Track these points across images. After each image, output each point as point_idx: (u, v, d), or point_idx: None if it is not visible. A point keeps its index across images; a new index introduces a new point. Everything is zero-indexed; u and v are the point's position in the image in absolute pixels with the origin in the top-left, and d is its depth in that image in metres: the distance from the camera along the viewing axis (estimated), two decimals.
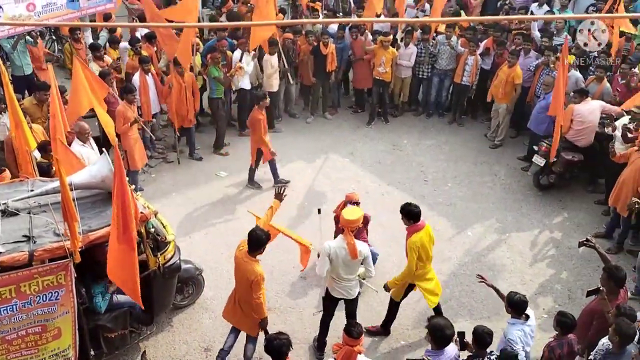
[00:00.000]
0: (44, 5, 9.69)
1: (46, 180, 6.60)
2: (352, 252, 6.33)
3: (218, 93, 10.94)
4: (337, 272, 6.49)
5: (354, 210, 6.67)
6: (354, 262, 6.42)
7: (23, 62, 10.66)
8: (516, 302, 5.84)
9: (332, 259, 6.40)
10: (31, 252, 5.45)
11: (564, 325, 5.73)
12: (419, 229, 6.75)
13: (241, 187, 10.33)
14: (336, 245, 6.40)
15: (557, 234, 9.32)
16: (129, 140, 9.40)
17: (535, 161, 9.95)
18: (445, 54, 12.01)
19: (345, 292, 6.64)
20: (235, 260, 6.32)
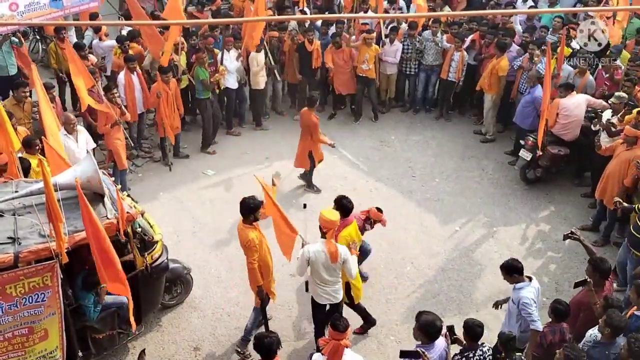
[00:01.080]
0: (26, 5, 9.62)
1: (30, 181, 6.54)
2: (332, 255, 6.23)
3: (205, 94, 10.85)
4: (319, 276, 6.39)
5: (332, 211, 6.54)
6: (334, 265, 6.30)
7: (8, 63, 10.54)
8: (512, 266, 6.05)
9: (311, 263, 6.31)
10: (16, 254, 5.42)
11: (557, 313, 5.82)
12: (348, 224, 6.82)
13: (228, 186, 10.30)
14: (315, 249, 6.29)
15: (544, 228, 9.38)
16: (113, 140, 9.33)
17: (522, 155, 10.00)
18: (431, 49, 12.03)
19: (330, 296, 6.52)
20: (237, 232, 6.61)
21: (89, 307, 6.27)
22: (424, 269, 8.51)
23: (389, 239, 9.02)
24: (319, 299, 6.59)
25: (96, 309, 6.33)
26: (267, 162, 10.98)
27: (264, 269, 6.75)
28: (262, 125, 12.20)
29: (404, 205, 9.88)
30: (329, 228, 6.30)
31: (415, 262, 8.63)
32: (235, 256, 8.57)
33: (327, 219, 6.28)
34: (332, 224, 6.30)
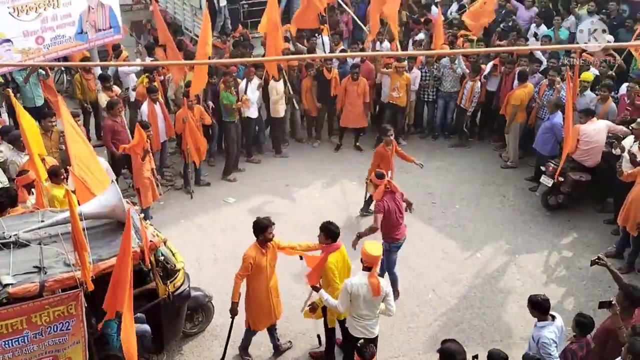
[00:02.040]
0: (52, 38, 9.88)
1: (56, 211, 6.66)
2: (375, 289, 6.10)
3: (230, 117, 10.99)
4: (358, 310, 6.25)
5: (375, 245, 6.34)
6: (376, 299, 6.19)
7: (35, 94, 10.85)
8: (539, 303, 5.95)
9: (353, 297, 6.16)
10: (42, 283, 5.48)
11: (582, 326, 5.82)
12: (335, 249, 6.69)
13: (249, 213, 10.34)
14: (358, 283, 6.13)
15: (567, 255, 9.27)
16: (143, 179, 9.45)
17: (543, 182, 9.95)
18: (449, 76, 12.10)
19: (367, 330, 6.36)
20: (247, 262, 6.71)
21: (112, 336, 6.32)
22: (446, 296, 8.44)
23: (410, 265, 8.99)
24: (354, 332, 6.42)
25: (119, 337, 6.35)
26: (286, 189, 11.04)
27: (263, 291, 6.83)
28: (281, 153, 12.30)
29: (424, 231, 9.85)
30: (371, 263, 6.18)
31: (437, 289, 8.56)
32: None
33: (369, 254, 6.15)
34: (374, 259, 6.18)
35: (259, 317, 7.05)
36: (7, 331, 5.34)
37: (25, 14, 9.33)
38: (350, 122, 12.25)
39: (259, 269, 6.68)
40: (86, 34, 10.38)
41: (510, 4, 14.70)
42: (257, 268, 6.66)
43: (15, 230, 6.00)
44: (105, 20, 10.62)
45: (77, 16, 10.13)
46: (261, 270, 6.71)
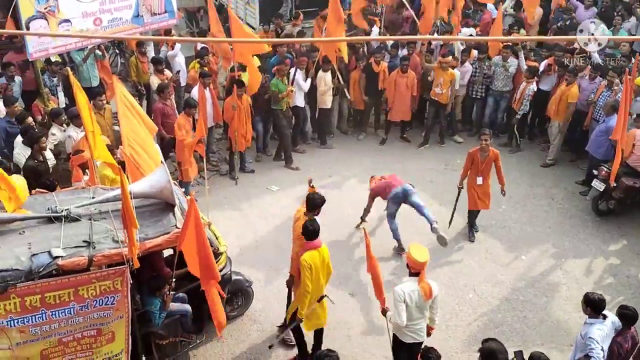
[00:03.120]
0: (110, 20, 10.04)
1: (107, 189, 6.81)
2: (427, 293, 6.06)
3: (279, 105, 11.04)
4: (410, 316, 6.16)
5: (422, 250, 6.21)
6: (426, 303, 6.15)
7: (91, 75, 11.12)
8: (594, 301, 5.95)
9: (406, 304, 6.07)
10: (90, 257, 5.60)
11: (627, 317, 5.88)
12: (312, 248, 6.51)
13: (291, 202, 10.38)
14: (409, 290, 6.07)
15: (615, 262, 9.01)
16: (184, 153, 9.60)
17: (595, 186, 9.67)
18: (500, 75, 11.86)
19: (416, 334, 6.30)
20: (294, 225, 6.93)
21: (154, 313, 6.44)
22: (487, 297, 8.31)
23: (452, 263, 8.89)
24: (404, 338, 6.33)
25: (161, 315, 6.49)
26: (330, 180, 11.03)
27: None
28: (327, 144, 12.29)
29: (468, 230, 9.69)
30: (418, 269, 6.11)
31: (478, 289, 8.44)
32: None
33: (415, 260, 6.06)
34: (420, 265, 6.07)
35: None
36: (54, 302, 5.49)
37: None
38: (398, 115, 12.15)
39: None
40: (142, 17, 10.53)
41: (570, 2, 14.31)
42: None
43: (67, 205, 6.16)
44: (160, 5, 10.75)
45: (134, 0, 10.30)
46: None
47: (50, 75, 10.23)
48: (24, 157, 8.19)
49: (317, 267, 6.52)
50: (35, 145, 8.16)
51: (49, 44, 9.33)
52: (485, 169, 9.02)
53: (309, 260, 6.44)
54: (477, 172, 9.02)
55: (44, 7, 9.03)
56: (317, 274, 6.54)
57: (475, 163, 9.00)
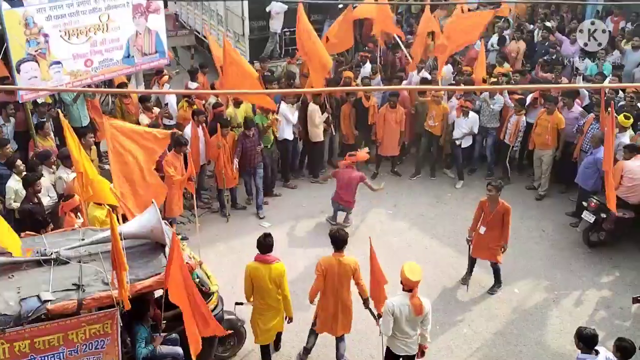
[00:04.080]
0: (100, 61, 10.17)
1: (97, 230, 6.78)
2: (417, 309, 6.27)
3: (265, 141, 11.04)
4: (400, 329, 6.43)
5: (415, 269, 6.37)
6: (417, 318, 6.36)
7: (81, 115, 11.16)
8: (586, 337, 5.89)
9: (395, 317, 6.33)
10: (80, 301, 5.56)
11: (624, 350, 5.80)
12: (259, 260, 6.93)
13: (283, 238, 10.37)
14: (400, 303, 6.31)
15: (607, 294, 9.00)
16: (172, 190, 9.59)
17: (585, 217, 9.72)
18: (485, 111, 11.87)
19: (408, 347, 6.57)
20: (329, 270, 6.89)
21: (138, 341, 6.30)
22: (482, 331, 8.26)
23: (446, 298, 8.85)
24: (396, 350, 6.65)
25: (144, 347, 6.33)
26: (322, 215, 11.03)
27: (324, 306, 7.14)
28: (318, 178, 12.32)
29: (461, 264, 9.65)
30: (411, 287, 6.29)
31: (473, 324, 8.39)
32: None
33: (408, 278, 6.24)
34: (413, 284, 6.25)
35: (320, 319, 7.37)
36: (43, 347, 5.43)
37: (76, 37, 9.65)
38: (387, 150, 12.22)
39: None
40: (133, 57, 10.66)
41: (554, 36, 14.59)
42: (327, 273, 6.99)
43: (57, 247, 6.13)
44: (151, 45, 10.91)
45: (125, 41, 10.43)
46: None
47: (39, 116, 10.24)
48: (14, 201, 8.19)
49: (258, 279, 6.88)
50: (30, 189, 8.15)
51: (39, 85, 9.40)
52: (492, 221, 8.59)
53: (249, 268, 6.99)
54: (483, 222, 8.68)
55: (34, 49, 9.14)
56: (258, 286, 6.91)
57: (485, 213, 8.69)
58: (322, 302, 7.26)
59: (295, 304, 7.47)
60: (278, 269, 6.89)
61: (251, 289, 7.00)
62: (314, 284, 7.17)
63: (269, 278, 6.84)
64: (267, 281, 6.84)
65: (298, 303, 8.70)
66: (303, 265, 9.64)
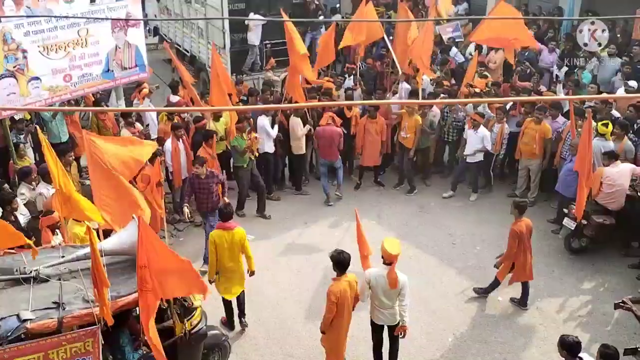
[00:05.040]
0: (80, 76, 10.12)
1: (77, 247, 6.71)
2: (392, 282, 6.76)
3: (242, 161, 10.93)
4: (378, 300, 6.97)
5: (394, 243, 6.92)
6: (392, 291, 6.84)
7: (60, 131, 11.04)
8: (570, 344, 5.94)
9: (372, 287, 6.89)
10: (60, 319, 5.49)
11: (608, 357, 5.80)
12: (221, 227, 7.82)
13: (267, 251, 10.33)
14: (376, 274, 6.86)
15: (590, 299, 9.08)
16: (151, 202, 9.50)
17: (566, 224, 9.80)
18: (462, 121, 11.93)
19: (387, 318, 7.11)
20: (342, 295, 6.83)
21: (124, 346, 6.23)
22: (467, 340, 8.28)
23: (430, 308, 8.86)
24: (376, 320, 7.19)
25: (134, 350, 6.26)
26: (306, 227, 11.02)
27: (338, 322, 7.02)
28: (301, 190, 12.31)
29: (444, 273, 9.72)
30: (390, 260, 6.77)
31: (458, 333, 8.41)
32: (273, 324, 8.54)
33: (388, 252, 6.74)
34: (391, 257, 6.75)
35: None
36: None
37: (55, 53, 9.59)
38: (369, 160, 12.23)
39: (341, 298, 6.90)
40: (112, 72, 10.61)
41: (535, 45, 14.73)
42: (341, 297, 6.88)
43: (36, 265, 6.05)
44: (131, 59, 10.87)
45: (104, 55, 10.39)
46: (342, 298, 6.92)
47: (17, 132, 10.13)
48: None
49: (221, 245, 7.72)
50: (7, 207, 8.04)
51: (17, 101, 9.32)
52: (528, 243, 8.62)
53: (213, 236, 7.77)
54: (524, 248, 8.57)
55: (13, 65, 9.07)
56: (222, 250, 7.72)
57: (523, 239, 8.48)
58: (335, 326, 7.08)
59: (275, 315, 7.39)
60: (239, 233, 7.84)
61: (215, 259, 7.77)
62: (328, 313, 6.92)
63: (232, 242, 7.74)
64: (229, 245, 7.74)
65: (280, 314, 8.71)
66: (287, 276, 9.62)
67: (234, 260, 7.87)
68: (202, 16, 15.39)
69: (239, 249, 7.85)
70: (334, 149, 11.43)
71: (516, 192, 11.85)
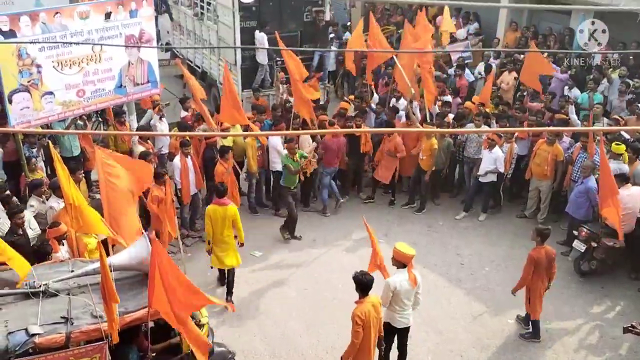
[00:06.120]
0: (93, 91, 10.20)
1: (86, 261, 6.74)
2: (414, 281, 7.12)
3: (289, 182, 10.93)
4: (400, 303, 7.19)
5: (405, 245, 7.29)
6: (413, 290, 7.19)
7: (72, 145, 11.11)
8: None
9: (396, 293, 7.10)
10: (68, 334, 5.51)
11: None
12: (216, 203, 8.87)
13: (275, 267, 10.32)
14: (400, 280, 7.10)
15: (600, 323, 8.99)
16: (159, 220, 9.56)
17: (576, 246, 9.75)
18: (472, 142, 11.83)
19: (406, 319, 7.35)
20: (368, 317, 6.68)
21: None
22: None
23: (438, 328, 8.80)
24: (397, 324, 7.37)
25: None
26: (313, 244, 11.01)
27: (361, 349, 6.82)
28: (310, 207, 12.31)
29: (452, 293, 9.66)
30: (406, 261, 7.12)
31: (465, 355, 8.34)
32: (280, 341, 8.50)
33: (402, 252, 7.12)
34: (407, 258, 7.11)
35: None
36: None
37: (69, 68, 9.69)
38: (380, 175, 12.22)
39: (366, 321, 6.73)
40: (125, 87, 10.71)
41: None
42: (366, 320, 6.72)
43: (46, 279, 6.08)
44: (143, 75, 10.97)
45: (117, 71, 10.48)
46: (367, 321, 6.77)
47: (29, 146, 10.21)
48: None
49: (216, 218, 8.80)
50: (13, 220, 8.09)
51: (30, 115, 9.41)
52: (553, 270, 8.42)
53: (209, 210, 8.89)
54: (545, 275, 8.35)
55: (27, 80, 9.16)
56: (215, 223, 8.83)
57: (540, 264, 8.24)
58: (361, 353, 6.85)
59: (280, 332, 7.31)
60: (231, 209, 8.94)
61: (211, 227, 8.87)
62: (355, 338, 6.64)
63: (225, 216, 8.85)
64: (223, 219, 8.85)
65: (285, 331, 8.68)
66: (294, 293, 9.60)
67: (226, 233, 8.93)
68: (215, 33, 15.52)
69: (231, 223, 8.92)
70: (340, 157, 11.78)
71: (526, 213, 11.81)
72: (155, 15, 11.86)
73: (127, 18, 10.36)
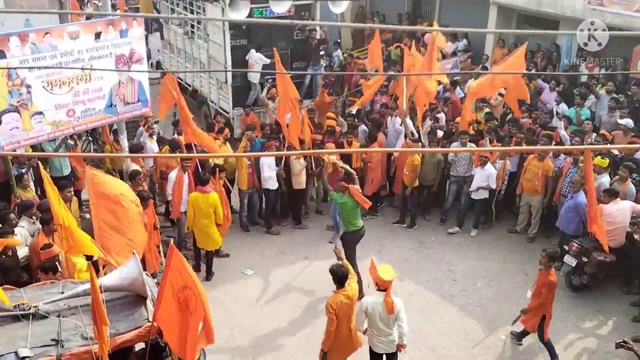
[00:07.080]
0: (83, 111, 10.17)
1: (77, 282, 6.68)
2: (389, 307, 6.89)
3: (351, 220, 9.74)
4: (376, 327, 7.08)
5: (388, 269, 7.13)
6: (389, 317, 6.96)
7: (62, 164, 11.08)
8: None
9: (369, 314, 7.00)
10: (58, 357, 5.46)
11: None
12: (199, 191, 9.84)
13: (267, 286, 10.28)
14: (373, 301, 7.00)
15: (592, 338, 9.01)
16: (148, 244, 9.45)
17: (567, 261, 9.78)
18: (462, 160, 11.83)
19: (386, 346, 7.18)
20: (341, 309, 6.98)
21: None
22: None
23: (431, 345, 8.78)
24: (376, 348, 7.26)
25: None
26: (306, 262, 10.97)
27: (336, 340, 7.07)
28: (301, 224, 12.30)
29: (445, 310, 9.65)
30: (384, 286, 6.99)
31: None
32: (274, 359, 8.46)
33: (382, 278, 6.96)
34: (387, 283, 6.96)
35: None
36: None
37: (59, 88, 9.66)
38: (369, 188, 12.11)
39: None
40: (115, 107, 10.69)
41: (537, 82, 14.88)
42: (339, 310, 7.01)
43: (36, 301, 6.02)
44: (134, 94, 10.95)
45: (107, 90, 10.46)
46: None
47: (18, 166, 10.16)
48: None
49: (198, 205, 9.74)
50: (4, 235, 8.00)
51: (20, 136, 9.36)
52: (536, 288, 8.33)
53: (192, 197, 9.87)
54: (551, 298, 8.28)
55: (16, 100, 9.13)
56: (198, 209, 9.75)
57: (547, 289, 8.19)
58: (335, 347, 7.21)
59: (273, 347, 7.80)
60: (212, 197, 9.77)
61: (193, 214, 9.79)
62: (329, 325, 7.07)
63: (207, 204, 9.71)
64: (205, 206, 9.72)
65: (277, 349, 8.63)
66: (286, 311, 9.55)
67: (207, 218, 9.79)
68: (205, 51, 15.57)
69: (212, 210, 9.75)
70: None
71: (517, 228, 11.86)
72: (145, 34, 11.88)
73: (118, 38, 10.36)
